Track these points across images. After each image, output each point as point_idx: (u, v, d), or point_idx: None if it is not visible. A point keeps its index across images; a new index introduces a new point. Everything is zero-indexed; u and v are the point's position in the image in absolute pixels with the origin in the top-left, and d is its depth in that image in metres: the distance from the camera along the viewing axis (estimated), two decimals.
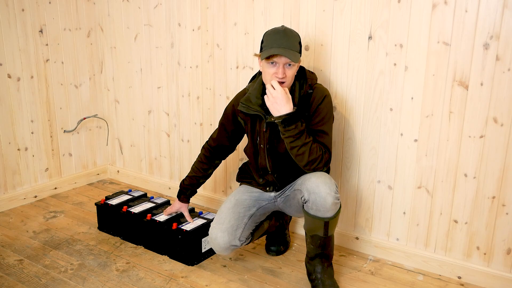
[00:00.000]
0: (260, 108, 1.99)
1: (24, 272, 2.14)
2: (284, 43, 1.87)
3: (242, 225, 2.03)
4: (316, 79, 2.04)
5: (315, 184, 1.85)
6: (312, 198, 1.85)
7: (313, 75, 2.04)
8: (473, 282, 2.08)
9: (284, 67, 1.88)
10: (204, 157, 2.25)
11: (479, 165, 1.98)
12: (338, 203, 1.88)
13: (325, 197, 1.83)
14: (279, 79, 1.88)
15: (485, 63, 1.88)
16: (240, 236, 2.02)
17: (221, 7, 2.54)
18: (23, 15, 2.74)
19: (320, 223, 1.88)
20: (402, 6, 2.02)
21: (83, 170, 3.24)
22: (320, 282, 1.97)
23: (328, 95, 2.00)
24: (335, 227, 1.94)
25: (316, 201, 1.84)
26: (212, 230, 2.04)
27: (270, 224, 2.22)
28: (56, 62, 2.95)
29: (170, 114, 2.94)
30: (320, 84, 2.05)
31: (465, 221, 2.06)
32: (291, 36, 1.91)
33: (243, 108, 2.01)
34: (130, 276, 2.13)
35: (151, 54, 2.92)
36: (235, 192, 2.17)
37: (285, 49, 1.85)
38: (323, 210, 1.85)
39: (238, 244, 2.03)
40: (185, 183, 2.29)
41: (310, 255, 2.00)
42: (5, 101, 2.73)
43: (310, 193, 1.86)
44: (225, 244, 2.00)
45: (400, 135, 2.14)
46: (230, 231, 2.00)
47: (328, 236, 1.92)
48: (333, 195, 1.84)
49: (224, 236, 2.00)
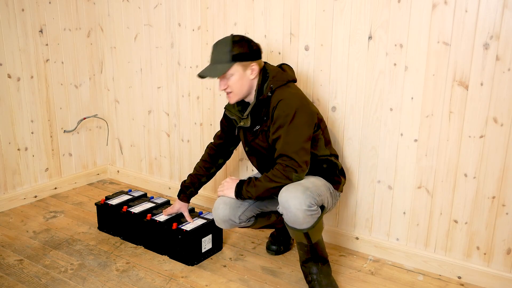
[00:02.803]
0: (238, 113, 2.06)
1: (24, 272, 2.14)
2: (212, 58, 1.95)
3: (245, 204, 2.04)
4: (284, 81, 1.95)
5: (285, 199, 1.82)
6: (284, 212, 1.85)
7: (282, 76, 1.97)
8: (473, 282, 2.08)
9: (222, 80, 1.94)
10: (207, 155, 2.27)
11: (479, 165, 1.98)
12: (313, 214, 1.82)
13: (294, 212, 1.80)
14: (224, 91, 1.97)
15: (485, 63, 1.88)
16: (240, 215, 2.03)
17: (221, 7, 2.54)
18: (23, 15, 2.74)
19: (300, 234, 1.88)
20: (402, 6, 2.02)
21: (83, 170, 3.24)
22: (317, 282, 1.97)
23: (287, 98, 1.88)
24: (318, 234, 1.91)
25: (288, 216, 1.84)
26: (217, 200, 2.07)
27: (279, 218, 2.21)
28: (56, 62, 2.95)
29: (170, 114, 2.94)
30: (290, 86, 1.96)
31: (465, 221, 2.06)
32: (219, 47, 1.94)
33: (227, 113, 2.11)
34: (130, 276, 2.13)
35: (151, 54, 2.92)
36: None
37: (210, 65, 1.94)
38: (298, 224, 1.84)
39: (237, 222, 2.03)
40: (186, 181, 2.29)
41: (302, 259, 2.01)
42: (5, 101, 2.73)
43: (282, 207, 1.85)
44: (224, 216, 2.02)
45: (400, 135, 2.14)
46: (233, 206, 2.02)
47: (313, 243, 1.92)
48: (303, 209, 1.79)
49: (226, 208, 2.01)
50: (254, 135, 2.02)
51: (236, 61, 1.90)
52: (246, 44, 1.92)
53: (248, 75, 1.93)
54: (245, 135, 2.07)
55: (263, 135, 1.98)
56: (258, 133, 1.99)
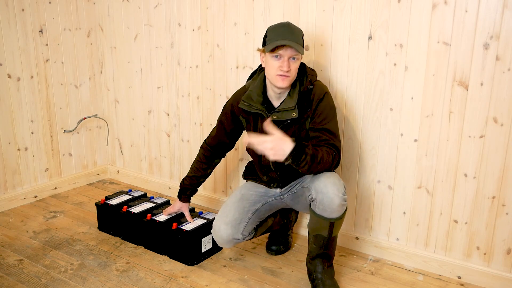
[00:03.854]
0: (261, 106, 1.98)
1: (24, 272, 2.14)
2: (290, 36, 1.86)
3: (246, 219, 2.04)
4: (316, 76, 2.03)
5: (324, 184, 1.84)
6: (320, 197, 1.84)
7: (313, 72, 2.03)
8: (473, 282, 2.08)
9: (289, 60, 1.87)
10: (203, 156, 2.24)
11: (479, 165, 1.98)
12: (345, 204, 1.86)
13: (332, 197, 1.82)
14: (283, 72, 1.87)
15: (485, 63, 1.88)
16: (243, 230, 2.02)
17: (221, 7, 2.54)
18: (23, 15, 2.74)
19: (326, 223, 1.88)
20: (402, 6, 2.02)
21: (83, 170, 3.24)
22: (321, 282, 1.97)
23: (329, 92, 1.98)
24: (339, 228, 1.93)
25: (323, 201, 1.84)
26: (216, 222, 2.05)
27: (274, 221, 2.22)
28: (56, 62, 2.95)
29: (170, 114, 2.94)
30: (320, 81, 2.04)
31: (465, 221, 2.06)
32: (295, 30, 1.91)
33: (245, 106, 2.00)
34: (130, 276, 2.13)
35: (151, 54, 2.92)
36: (242, 187, 2.18)
37: (291, 41, 1.85)
38: (329, 211, 1.84)
39: (241, 238, 2.03)
40: (185, 183, 2.29)
41: (312, 254, 2.00)
42: (5, 101, 2.73)
43: (317, 192, 1.85)
44: (227, 236, 2.01)
45: (400, 135, 2.14)
46: (234, 224, 2.01)
47: (332, 236, 1.92)
48: (340, 196, 1.83)
49: (228, 228, 2.00)
50: (284, 129, 1.93)
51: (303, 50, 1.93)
52: None
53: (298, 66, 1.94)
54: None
55: (295, 127, 1.95)
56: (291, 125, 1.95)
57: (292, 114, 1.92)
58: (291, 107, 1.92)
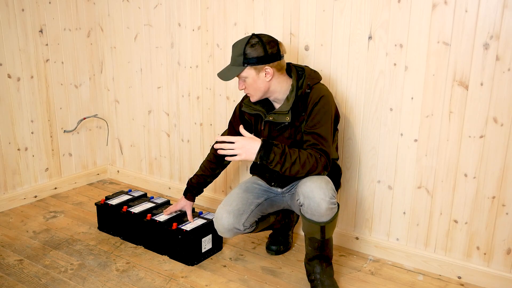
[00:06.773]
0: (260, 107, 2.03)
1: (24, 272, 2.14)
2: (231, 59, 1.97)
3: (248, 211, 2.05)
4: (319, 79, 2.02)
5: (310, 188, 1.84)
6: (307, 202, 1.85)
7: (315, 75, 2.02)
8: (473, 282, 2.08)
9: (241, 81, 1.96)
10: (213, 156, 2.26)
11: (479, 165, 1.98)
12: (333, 207, 1.85)
13: (319, 202, 1.82)
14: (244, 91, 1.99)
15: (485, 63, 1.88)
16: (244, 222, 2.03)
17: (221, 7, 2.54)
18: (23, 15, 2.74)
19: (316, 227, 1.88)
20: (402, 6, 2.02)
21: (83, 170, 3.24)
22: (320, 282, 1.97)
23: (327, 95, 1.96)
24: (332, 230, 1.93)
25: (310, 206, 1.84)
26: (218, 210, 2.06)
27: (276, 219, 2.23)
28: (56, 62, 2.95)
29: (170, 114, 2.94)
30: (323, 84, 2.03)
31: (465, 221, 2.06)
32: (235, 49, 1.94)
33: (246, 109, 2.08)
34: (130, 276, 2.13)
35: (151, 54, 2.92)
36: (247, 180, 2.21)
37: (228, 66, 1.96)
38: (318, 215, 1.84)
39: (241, 229, 2.04)
40: (192, 181, 2.29)
41: (309, 256, 2.01)
42: (5, 101, 2.73)
43: (304, 197, 1.85)
44: (229, 225, 2.02)
45: (400, 135, 2.14)
46: (236, 214, 2.02)
47: (325, 239, 1.93)
48: (327, 200, 1.82)
49: (230, 217, 2.01)
50: (279, 131, 2.00)
51: (248, 64, 1.90)
52: (260, 48, 1.89)
53: (263, 78, 1.92)
54: (270, 130, 2.03)
55: (291, 130, 1.97)
56: (288, 127, 1.98)
57: (286, 118, 1.96)
58: (285, 111, 1.96)
